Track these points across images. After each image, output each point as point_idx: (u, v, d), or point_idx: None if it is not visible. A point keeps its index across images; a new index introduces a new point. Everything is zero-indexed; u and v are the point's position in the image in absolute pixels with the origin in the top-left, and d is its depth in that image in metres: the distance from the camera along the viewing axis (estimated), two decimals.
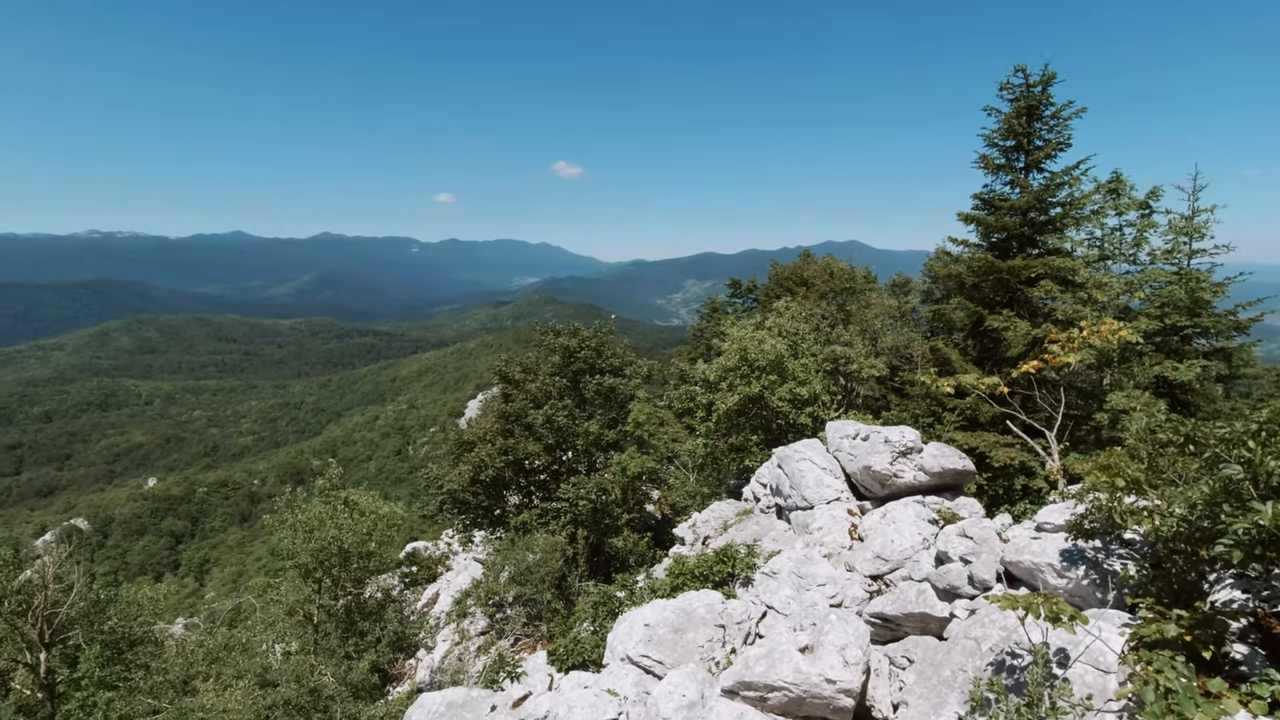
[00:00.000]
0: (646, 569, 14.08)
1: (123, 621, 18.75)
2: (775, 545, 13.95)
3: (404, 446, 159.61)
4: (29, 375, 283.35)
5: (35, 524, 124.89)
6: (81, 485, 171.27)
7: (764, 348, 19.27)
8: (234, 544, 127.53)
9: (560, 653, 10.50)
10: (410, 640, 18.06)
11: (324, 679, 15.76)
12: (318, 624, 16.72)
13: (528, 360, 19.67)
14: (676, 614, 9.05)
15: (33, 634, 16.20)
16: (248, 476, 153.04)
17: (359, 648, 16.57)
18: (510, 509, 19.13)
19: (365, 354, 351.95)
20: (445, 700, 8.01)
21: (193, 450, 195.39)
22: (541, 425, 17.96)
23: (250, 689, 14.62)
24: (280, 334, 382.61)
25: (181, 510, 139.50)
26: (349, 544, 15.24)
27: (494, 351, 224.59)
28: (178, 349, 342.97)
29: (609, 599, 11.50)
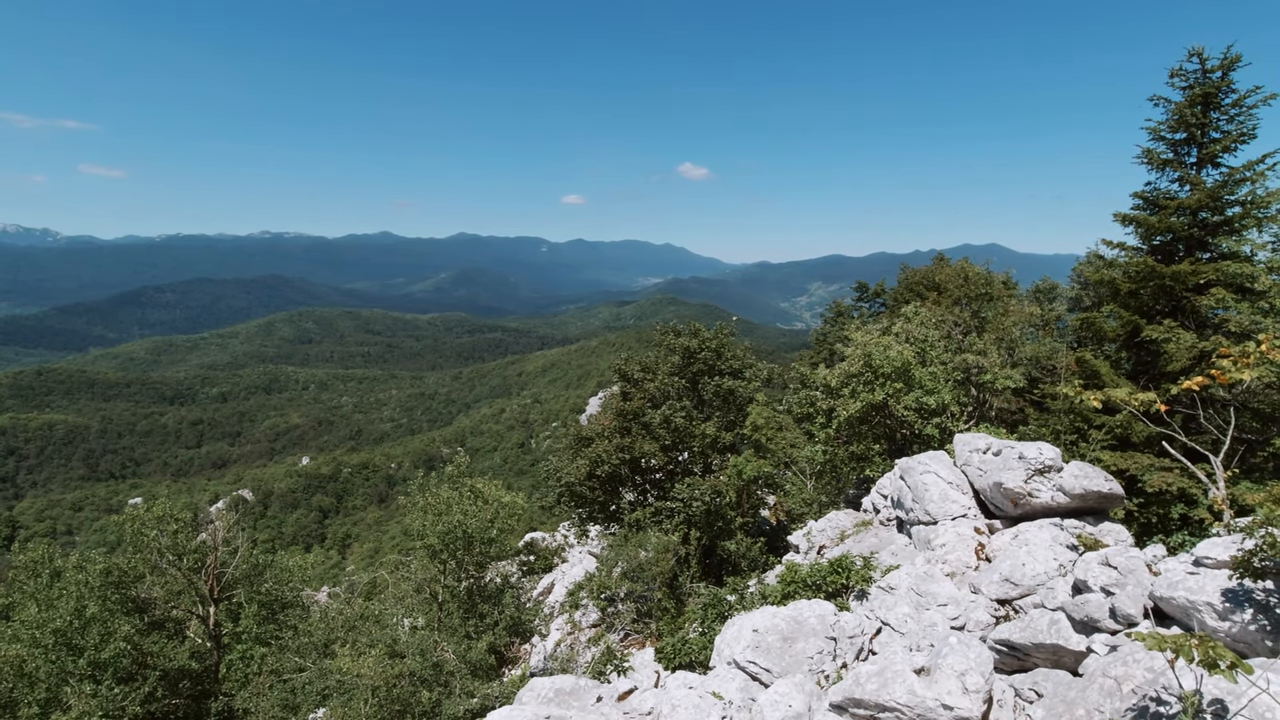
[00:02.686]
0: (759, 574, 13.89)
1: (277, 585, 20.72)
2: (894, 560, 13.38)
3: (527, 440, 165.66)
4: (210, 360, 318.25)
5: (211, 492, 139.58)
6: (248, 460, 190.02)
7: (890, 354, 18.51)
8: (372, 522, 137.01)
9: (667, 651, 10.56)
10: (525, 626, 18.74)
11: (446, 655, 16.66)
12: (442, 603, 17.68)
13: (647, 360, 19.89)
14: (787, 622, 8.88)
15: (205, 589, 18.23)
16: (386, 460, 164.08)
17: (478, 629, 17.36)
18: (625, 506, 19.43)
19: (494, 349, 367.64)
20: (554, 686, 8.28)
21: (340, 433, 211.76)
22: (659, 425, 18.12)
23: (381, 658, 15.65)
24: (419, 328, 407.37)
25: (329, 488, 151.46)
26: (473, 529, 16.01)
27: (616, 350, 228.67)
28: (330, 340, 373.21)
29: (719, 602, 11.45)
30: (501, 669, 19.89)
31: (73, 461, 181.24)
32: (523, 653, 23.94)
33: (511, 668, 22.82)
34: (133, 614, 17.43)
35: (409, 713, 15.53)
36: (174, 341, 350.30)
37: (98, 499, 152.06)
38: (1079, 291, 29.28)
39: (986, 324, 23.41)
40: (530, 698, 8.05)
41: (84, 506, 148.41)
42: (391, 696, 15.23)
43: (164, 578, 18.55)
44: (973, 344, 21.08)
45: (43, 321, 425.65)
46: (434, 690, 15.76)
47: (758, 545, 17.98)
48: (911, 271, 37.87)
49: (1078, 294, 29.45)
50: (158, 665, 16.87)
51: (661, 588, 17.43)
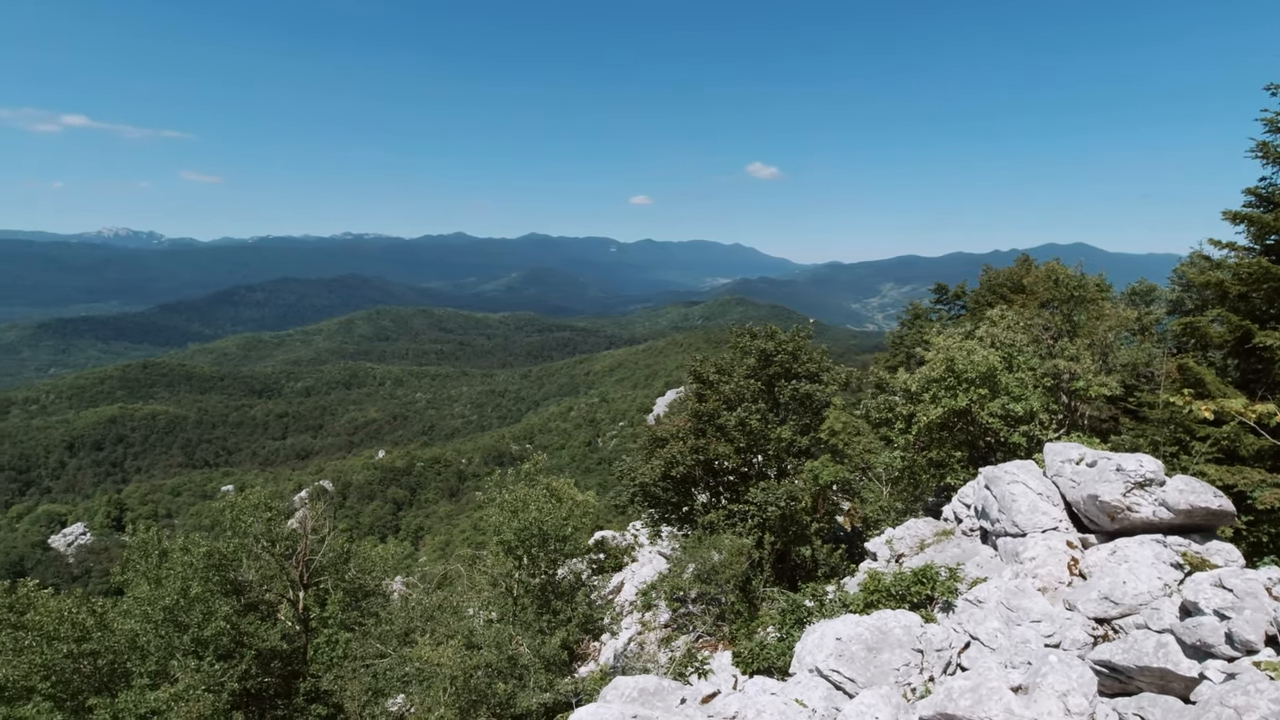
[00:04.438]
0: (838, 581, 13.66)
1: (360, 574, 21.59)
2: (979, 571, 12.94)
3: (594, 438, 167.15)
4: (295, 356, 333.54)
5: (294, 482, 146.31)
6: (329, 452, 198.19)
7: (974, 358, 17.89)
8: (443, 515, 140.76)
9: (745, 655, 10.51)
10: (597, 623, 18.94)
11: (520, 649, 17.01)
12: (516, 597, 18.06)
13: (723, 361, 19.81)
14: (870, 632, 8.70)
15: (295, 575, 19.15)
16: (457, 455, 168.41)
17: (552, 624, 17.65)
18: (698, 507, 19.40)
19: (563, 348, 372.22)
20: (638, 686, 8.35)
21: (414, 428, 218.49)
22: (734, 427, 18.03)
23: (459, 648, 16.09)
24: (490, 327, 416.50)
25: (403, 481, 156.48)
26: (548, 526, 16.29)
27: (683, 350, 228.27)
28: (406, 337, 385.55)
29: (797, 607, 11.32)
30: (573, 665, 20.15)
31: (172, 449, 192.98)
32: (592, 650, 24.18)
33: (582, 664, 23.08)
34: (230, 595, 18.47)
35: (485, 703, 15.92)
36: (262, 338, 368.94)
37: (194, 485, 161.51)
38: (1180, 294, 27.61)
39: (1079, 328, 22.37)
40: (615, 696, 8.15)
41: (182, 492, 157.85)
42: (469, 687, 15.65)
43: (258, 562, 19.57)
44: (1064, 349, 20.18)
45: (148, 318, 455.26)
46: (509, 683, 16.11)
47: (838, 552, 17.67)
48: (994, 273, 36.50)
49: (1179, 296, 27.77)
50: (253, 645, 17.81)
51: (734, 591, 17.33)
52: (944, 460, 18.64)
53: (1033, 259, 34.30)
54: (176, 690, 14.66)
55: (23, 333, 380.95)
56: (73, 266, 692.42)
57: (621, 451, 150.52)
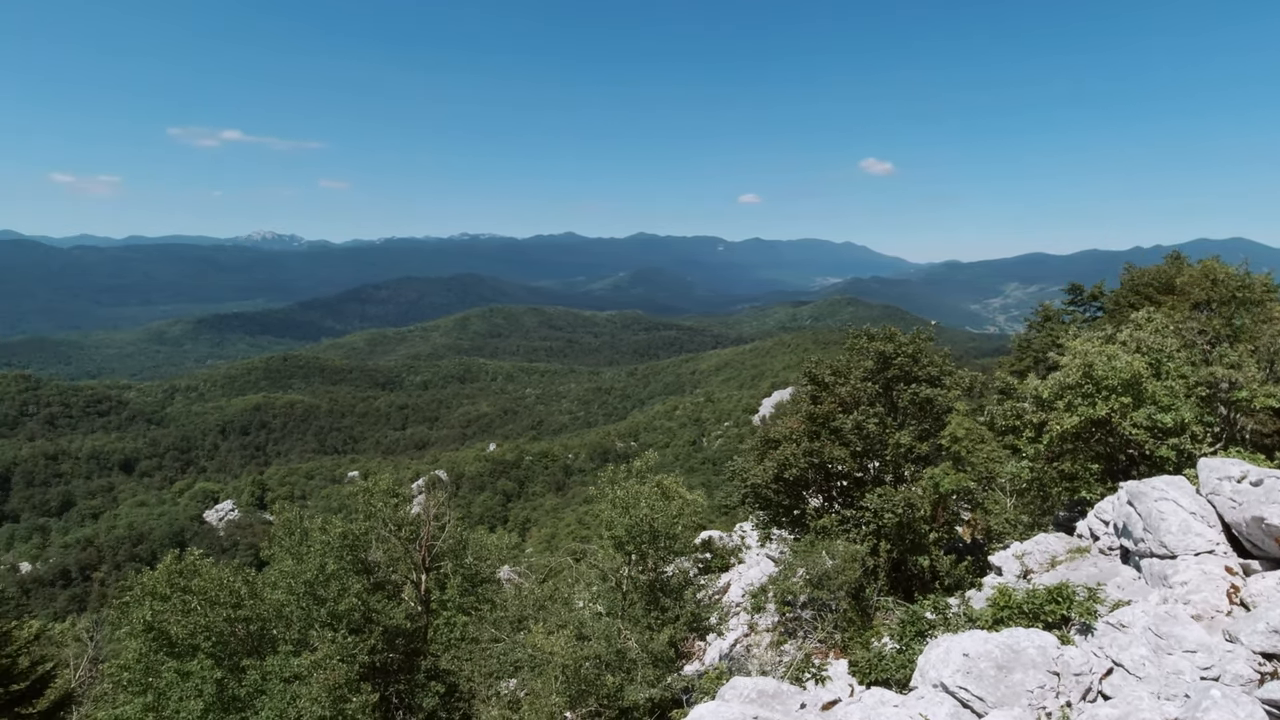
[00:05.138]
0: (961, 594, 13.05)
1: (476, 561, 22.57)
2: (1120, 594, 12.02)
3: (699, 438, 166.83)
4: (414, 351, 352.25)
5: (412, 470, 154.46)
6: (444, 443, 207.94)
7: (1116, 364, 16.59)
8: (550, 509, 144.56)
9: (862, 665, 10.23)
10: (704, 623, 18.93)
11: (629, 643, 17.26)
12: (625, 592, 18.32)
13: (838, 363, 19.32)
14: (1001, 650, 8.27)
15: (418, 558, 20.27)
16: (564, 450, 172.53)
17: (660, 621, 17.79)
18: (810, 511, 19.03)
19: (669, 347, 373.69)
20: (757, 688, 8.32)
21: (523, 422, 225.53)
22: (850, 431, 17.55)
23: (570, 638, 16.50)
24: (597, 325, 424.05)
25: (512, 474, 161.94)
26: (659, 524, 16.43)
27: (791, 351, 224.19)
28: (517, 334, 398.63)
29: (917, 619, 10.90)
30: (679, 662, 20.24)
31: (307, 436, 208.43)
32: (698, 649, 24.18)
33: (687, 662, 23.13)
34: (361, 574, 19.75)
35: (593, 694, 16.26)
36: (386, 334, 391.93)
37: (324, 470, 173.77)
38: None
39: (1240, 333, 20.30)
40: (733, 695, 8.15)
41: (314, 475, 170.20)
42: (578, 676, 16.02)
43: (386, 545, 20.83)
44: (1223, 355, 18.37)
45: (288, 315, 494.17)
46: (617, 675, 16.39)
47: (963, 565, 16.88)
48: (1138, 272, 33.74)
49: None
50: (380, 621, 18.98)
51: (847, 598, 16.89)
52: (1077, 473, 17.42)
53: (1185, 256, 31.50)
54: (315, 658, 15.86)
55: (186, 327, 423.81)
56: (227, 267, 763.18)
57: (726, 452, 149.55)
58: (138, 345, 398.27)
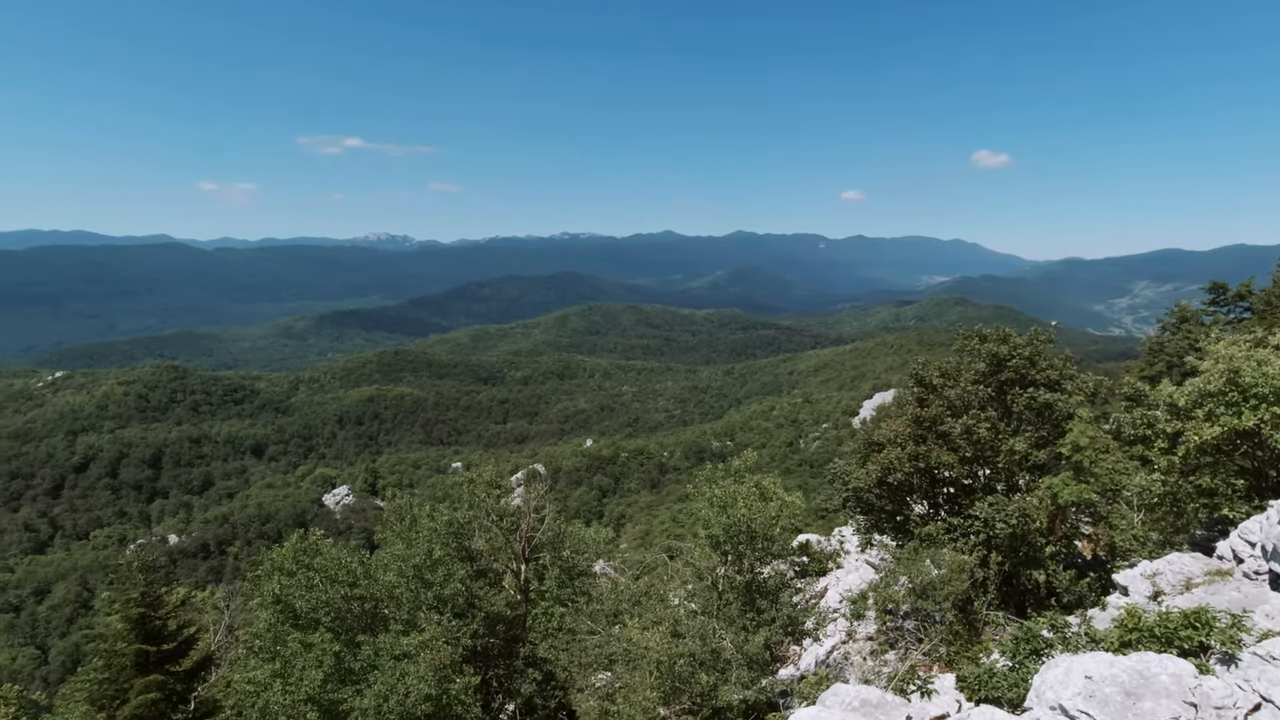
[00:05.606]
0: (1081, 612, 12.23)
1: (574, 554, 23.07)
2: (1270, 623, 10.92)
3: (796, 439, 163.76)
4: (515, 347, 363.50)
5: (512, 463, 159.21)
6: (542, 438, 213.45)
7: (1267, 370, 15.07)
8: (644, 505, 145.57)
9: (970, 681, 9.75)
10: (800, 627, 18.59)
11: (724, 643, 17.17)
12: (721, 592, 18.24)
13: (947, 365, 18.45)
14: (1129, 675, 7.68)
15: (518, 549, 20.94)
16: (660, 448, 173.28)
17: (755, 622, 17.61)
18: (915, 518, 18.31)
19: (766, 346, 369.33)
20: (859, 696, 8.10)
21: (620, 419, 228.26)
22: (959, 436, 16.73)
23: (665, 635, 16.60)
24: (694, 324, 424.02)
25: (608, 469, 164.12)
26: (756, 524, 16.27)
27: (894, 352, 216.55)
28: (615, 332, 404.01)
29: (1032, 636, 10.29)
30: (773, 665, 19.96)
31: (415, 427, 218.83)
32: (793, 653, 23.77)
33: (782, 666, 22.79)
34: (465, 561, 20.59)
35: (687, 691, 16.28)
36: (489, 330, 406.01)
37: (430, 460, 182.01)
38: None
39: None
40: (835, 702, 7.97)
41: (421, 465, 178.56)
42: (672, 673, 16.09)
43: (488, 534, 21.61)
44: None
45: (400, 312, 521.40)
46: (711, 674, 16.34)
47: (1084, 582, 15.80)
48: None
49: None
50: (482, 608, 19.73)
51: (953, 610, 16.15)
52: (1218, 489, 15.94)
53: None
54: (423, 639, 16.67)
55: (309, 323, 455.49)
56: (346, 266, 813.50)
57: (824, 454, 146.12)
58: (268, 339, 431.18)
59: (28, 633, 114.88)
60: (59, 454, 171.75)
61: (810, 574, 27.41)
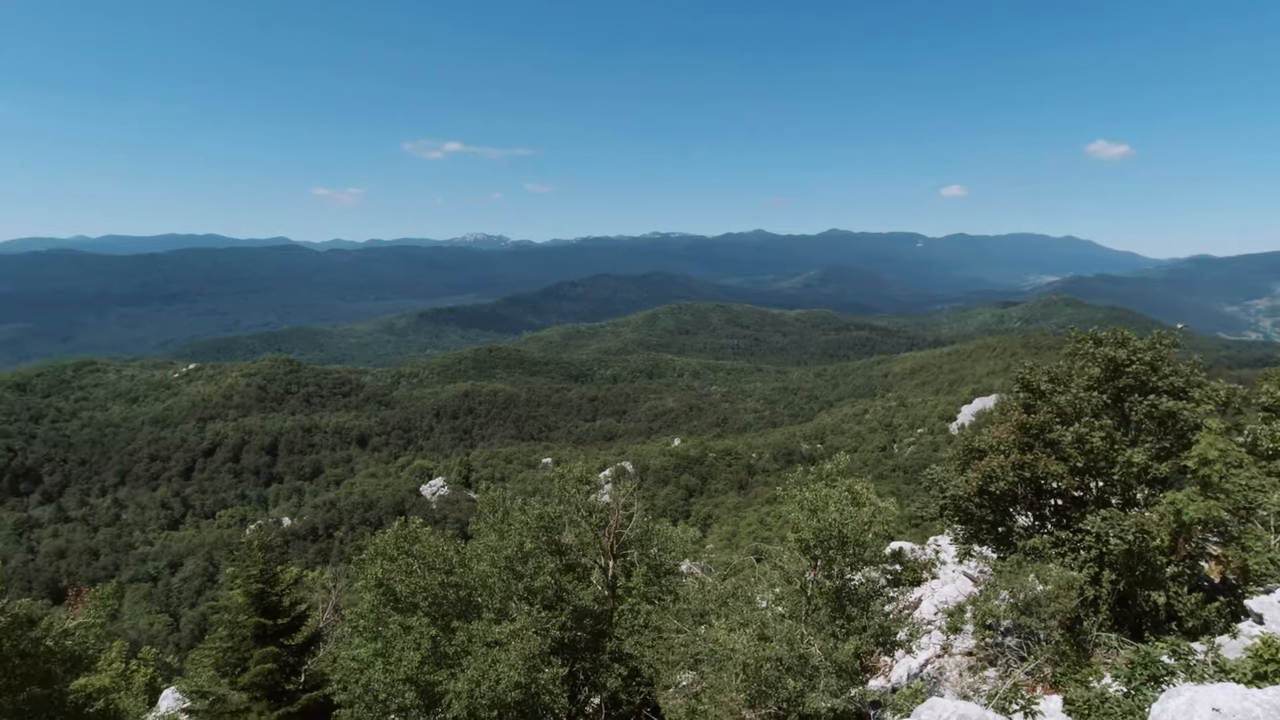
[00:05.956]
0: (1209, 639, 11.29)
1: (661, 552, 23.16)
2: None
3: (889, 444, 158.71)
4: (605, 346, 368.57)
5: (600, 460, 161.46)
6: (630, 436, 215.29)
7: None
8: (731, 506, 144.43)
9: (1079, 705, 9.17)
10: (892, 637, 18.00)
11: (812, 649, 16.83)
12: (810, 597, 17.89)
13: (1056, 369, 17.39)
14: (1264, 709, 7.04)
15: (606, 544, 21.18)
16: (748, 449, 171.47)
17: (845, 630, 17.18)
18: (1018, 530, 17.37)
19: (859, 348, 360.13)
20: (958, 712, 7.79)
21: (707, 419, 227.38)
22: (1069, 445, 15.73)
23: (751, 637, 16.43)
24: (785, 324, 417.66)
25: (695, 469, 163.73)
26: (848, 530, 15.87)
27: (996, 355, 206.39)
28: (704, 331, 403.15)
29: (1151, 662, 9.58)
30: (863, 675, 19.41)
31: (507, 423, 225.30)
32: (883, 664, 23.04)
33: (872, 677, 22.16)
34: (554, 555, 21.02)
35: (773, 696, 16.07)
36: (580, 329, 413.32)
37: (521, 455, 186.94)
38: None
39: None
40: (931, 716, 7.70)
41: (512, 460, 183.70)
42: (759, 676, 15.92)
43: (577, 529, 21.97)
44: None
45: (494, 310, 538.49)
46: (799, 680, 16.06)
47: (1212, 607, 14.59)
48: None
49: None
50: (570, 601, 20.10)
51: (1060, 629, 15.25)
52: None
53: None
54: (514, 628, 17.17)
55: (410, 320, 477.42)
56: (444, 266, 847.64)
57: (918, 460, 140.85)
58: (372, 335, 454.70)
59: (163, 601, 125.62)
60: (190, 439, 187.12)
61: (903, 583, 26.50)
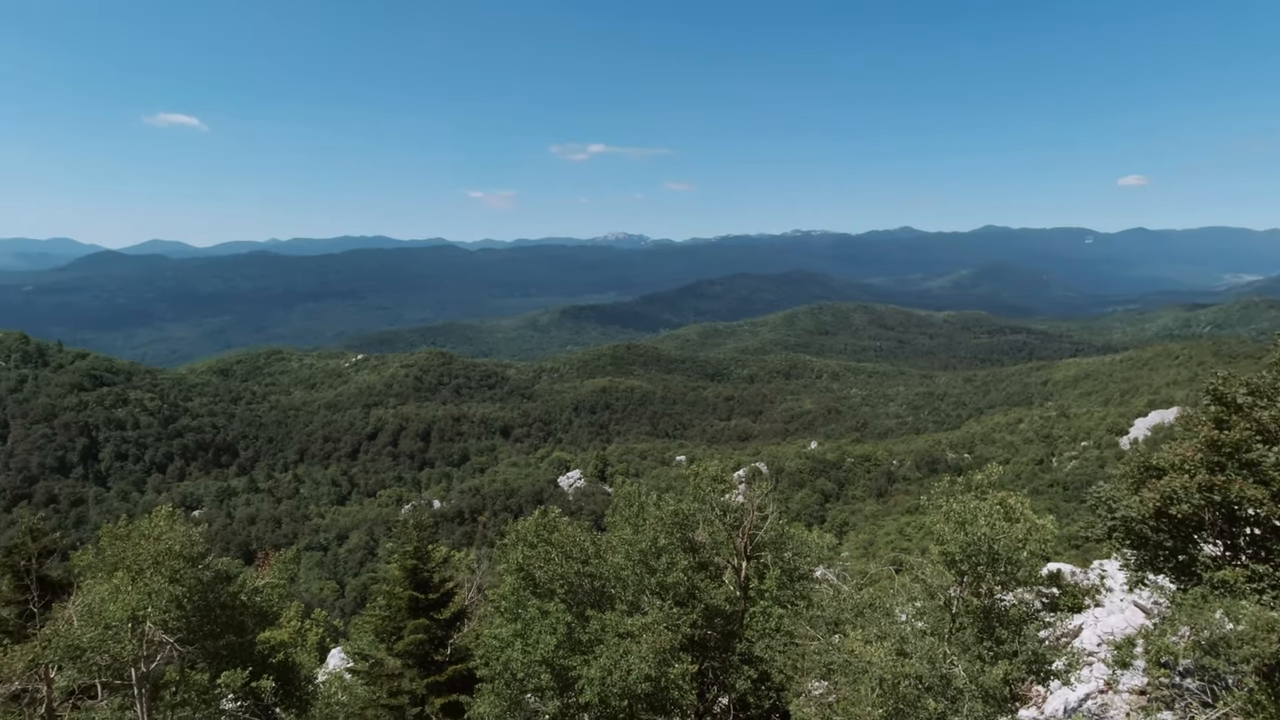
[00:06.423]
0: None
1: (795, 556, 22.75)
2: None
3: (1047, 456, 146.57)
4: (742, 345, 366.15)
5: (734, 460, 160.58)
6: (765, 437, 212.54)
7: None
8: (869, 514, 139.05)
9: None
10: (1046, 665, 16.69)
11: (955, 669, 15.91)
12: (955, 615, 16.93)
13: (1258, 380, 15.28)
14: None
15: (739, 545, 21.09)
16: (888, 456, 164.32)
17: (993, 653, 16.13)
18: (1204, 559, 15.50)
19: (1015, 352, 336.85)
20: None
21: (846, 423, 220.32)
22: (1272, 467, 13.82)
23: (889, 651, 15.77)
24: (933, 325, 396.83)
25: (832, 474, 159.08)
26: (1000, 546, 14.87)
27: (1179, 364, 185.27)
28: (845, 332, 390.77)
29: None
30: (1013, 704, 18.11)
31: (642, 419, 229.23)
32: (1036, 694, 21.47)
33: (1023, 707, 20.69)
34: (687, 552, 21.19)
35: (912, 716, 15.35)
36: (717, 327, 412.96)
37: (655, 452, 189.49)
38: None
39: None
40: None
41: (647, 456, 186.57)
42: (896, 693, 15.27)
43: (711, 528, 22.01)
44: None
45: (632, 308, 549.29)
46: (940, 702, 15.24)
47: None
48: None
49: None
50: (702, 599, 20.21)
51: (1254, 675, 13.47)
52: None
53: None
54: (645, 621, 17.50)
55: (553, 316, 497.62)
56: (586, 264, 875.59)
57: (1081, 476, 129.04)
58: (517, 331, 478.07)
59: (331, 569, 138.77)
60: (357, 423, 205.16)
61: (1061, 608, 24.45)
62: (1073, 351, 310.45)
